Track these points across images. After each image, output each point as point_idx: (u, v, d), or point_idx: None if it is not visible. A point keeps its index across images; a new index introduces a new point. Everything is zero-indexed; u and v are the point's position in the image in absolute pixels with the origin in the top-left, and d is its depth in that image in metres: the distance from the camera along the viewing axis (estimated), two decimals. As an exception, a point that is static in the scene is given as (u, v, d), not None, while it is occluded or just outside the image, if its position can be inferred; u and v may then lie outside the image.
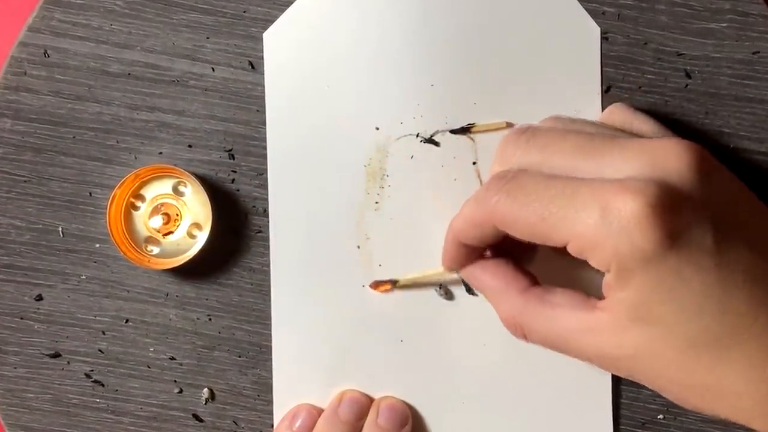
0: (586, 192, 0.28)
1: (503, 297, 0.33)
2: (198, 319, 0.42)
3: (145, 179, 0.41)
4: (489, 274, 0.34)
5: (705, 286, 0.27)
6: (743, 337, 0.27)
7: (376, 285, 0.41)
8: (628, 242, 0.26)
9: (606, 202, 0.27)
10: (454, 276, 0.39)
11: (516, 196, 0.29)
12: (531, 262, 0.38)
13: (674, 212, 0.27)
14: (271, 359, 0.42)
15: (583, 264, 0.29)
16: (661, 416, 0.42)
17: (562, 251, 0.30)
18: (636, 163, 0.28)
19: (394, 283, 0.41)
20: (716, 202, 0.28)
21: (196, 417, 0.43)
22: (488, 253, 0.36)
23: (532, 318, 0.31)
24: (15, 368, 0.43)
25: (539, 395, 0.42)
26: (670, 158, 0.28)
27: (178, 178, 0.41)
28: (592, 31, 0.41)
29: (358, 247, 0.42)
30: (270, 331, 0.42)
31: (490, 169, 0.33)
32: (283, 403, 0.42)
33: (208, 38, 0.42)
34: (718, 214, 0.28)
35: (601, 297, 0.30)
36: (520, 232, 0.30)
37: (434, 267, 0.40)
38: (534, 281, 0.33)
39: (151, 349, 0.42)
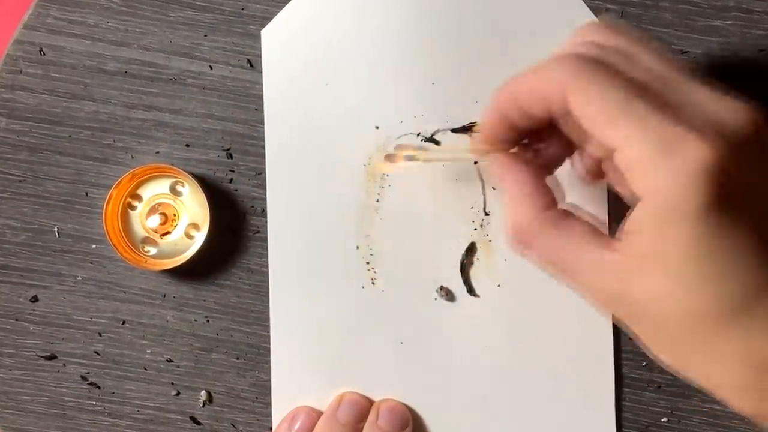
0: (657, 118, 0.26)
1: (520, 206, 0.31)
2: (195, 320, 0.42)
3: (142, 179, 0.41)
4: (514, 177, 0.32)
5: (740, 255, 0.26)
6: (756, 311, 0.27)
7: (391, 157, 0.40)
8: (682, 187, 0.26)
9: (672, 138, 0.26)
10: (468, 160, 0.36)
11: (599, 79, 0.27)
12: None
13: (732, 177, 0.26)
14: (269, 361, 0.42)
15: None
16: (665, 419, 0.42)
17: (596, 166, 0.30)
18: (707, 111, 0.27)
19: (410, 158, 0.40)
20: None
21: (193, 420, 0.42)
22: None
23: (543, 237, 0.30)
24: (10, 370, 0.42)
25: (541, 398, 0.41)
26: (740, 121, 0.27)
27: (176, 177, 0.41)
28: None
29: (357, 247, 0.41)
30: (268, 332, 0.42)
31: (560, 47, 0.31)
32: (281, 406, 0.41)
33: (205, 36, 0.42)
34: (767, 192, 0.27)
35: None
36: (583, 117, 0.28)
37: (462, 153, 0.38)
38: (555, 202, 0.32)
39: (148, 351, 0.42)
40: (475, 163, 0.41)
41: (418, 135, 0.41)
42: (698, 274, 0.26)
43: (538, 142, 0.33)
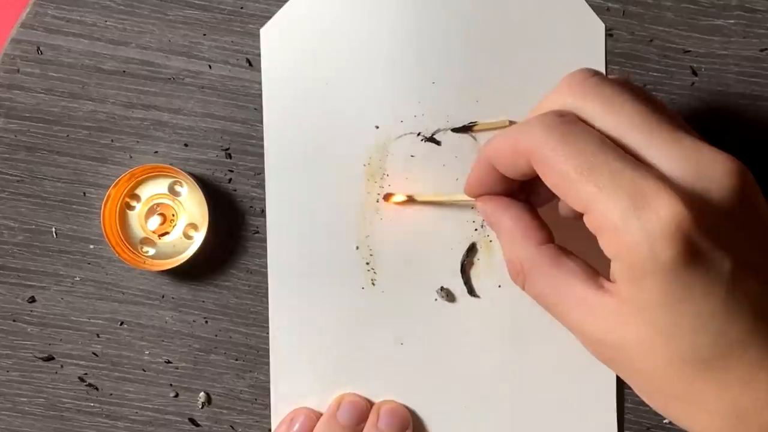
0: (628, 175, 0.27)
1: (517, 243, 0.32)
2: (194, 321, 0.42)
3: (140, 179, 0.41)
4: (509, 215, 0.33)
5: (710, 309, 0.27)
6: (730, 363, 0.27)
7: (389, 197, 0.40)
8: (648, 245, 0.26)
9: (643, 194, 0.26)
10: (469, 202, 0.36)
11: (567, 142, 0.28)
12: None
13: (704, 233, 0.26)
14: (268, 362, 0.41)
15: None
16: (666, 421, 0.41)
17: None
18: (685, 163, 0.27)
19: (410, 199, 0.40)
20: (745, 231, 0.28)
21: (192, 421, 0.42)
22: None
23: (539, 273, 0.31)
24: (7, 372, 0.42)
25: (542, 400, 0.41)
26: (719, 174, 0.27)
27: (174, 177, 0.41)
28: (597, 27, 0.41)
29: (357, 248, 0.41)
30: (267, 333, 0.41)
31: (544, 98, 0.32)
32: (280, 408, 0.41)
33: (204, 35, 0.41)
34: (743, 244, 0.27)
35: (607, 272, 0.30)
36: (551, 180, 0.29)
37: (458, 195, 0.39)
38: (551, 237, 0.32)
39: (147, 352, 0.42)
40: None
41: (418, 135, 0.41)
42: (674, 324, 0.27)
43: (529, 183, 0.33)
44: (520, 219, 0.32)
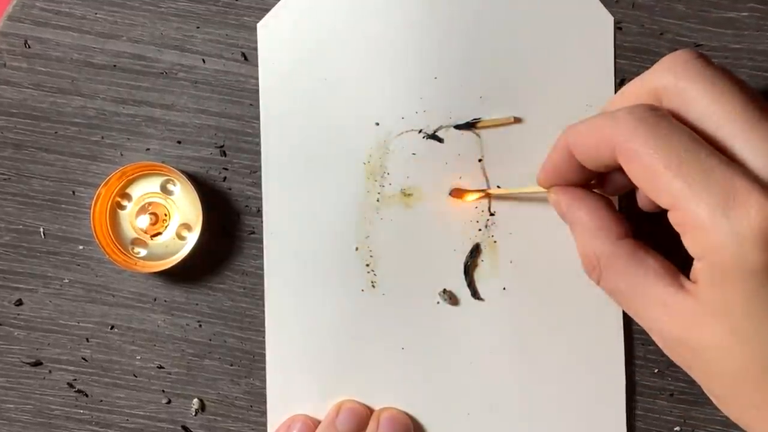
0: (720, 173, 0.26)
1: (594, 237, 0.31)
2: (187, 325, 0.41)
3: (131, 177, 0.40)
4: (586, 207, 0.32)
5: None
6: None
7: (460, 193, 0.39)
8: (735, 247, 0.25)
9: (734, 193, 0.25)
10: (542, 193, 0.35)
11: (658, 135, 0.27)
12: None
13: None
14: (264, 368, 0.40)
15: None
16: (678, 428, 0.40)
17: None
18: None
19: (485, 193, 0.39)
20: None
21: (185, 429, 0.41)
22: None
23: (616, 269, 0.30)
24: (-7, 377, 0.41)
25: (550, 406, 0.40)
26: None
27: (167, 176, 0.40)
28: (605, 20, 0.40)
29: (357, 249, 0.40)
30: (263, 337, 0.40)
31: (638, 78, 0.30)
32: (277, 415, 0.40)
33: (198, 28, 0.40)
34: None
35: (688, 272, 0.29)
36: (637, 173, 0.28)
37: (530, 187, 0.38)
38: (629, 231, 0.32)
39: (138, 357, 0.41)
40: (480, 160, 0.40)
41: (420, 132, 0.40)
42: (756, 331, 0.26)
43: (604, 173, 0.33)
44: (597, 211, 0.32)
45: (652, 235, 0.32)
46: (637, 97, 0.30)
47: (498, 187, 0.40)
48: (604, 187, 0.34)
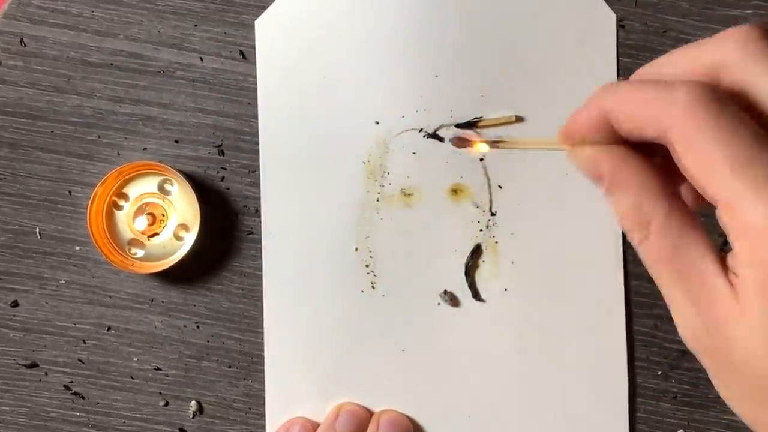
0: None
1: (646, 196, 0.27)
2: (185, 326, 0.40)
3: (128, 177, 0.40)
4: (636, 166, 0.28)
5: None
6: None
7: (462, 142, 0.35)
8: None
9: None
10: (559, 148, 0.30)
11: (721, 125, 0.24)
12: None
13: None
14: (263, 370, 0.40)
15: None
16: (681, 431, 0.40)
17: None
18: None
19: (491, 143, 0.34)
20: None
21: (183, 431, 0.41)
22: None
23: (669, 232, 0.27)
24: (-11, 379, 0.41)
25: (551, 409, 0.40)
26: None
27: (164, 175, 0.40)
28: (608, 18, 0.39)
29: (356, 249, 0.40)
30: (262, 339, 0.40)
31: (695, 44, 0.27)
32: (275, 417, 0.40)
33: (195, 26, 0.40)
34: None
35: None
36: (690, 162, 0.25)
37: (547, 139, 0.32)
38: (679, 194, 0.29)
39: (135, 359, 0.41)
40: (481, 160, 0.40)
41: (420, 131, 0.40)
42: None
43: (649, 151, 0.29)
44: (648, 170, 0.28)
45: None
46: (690, 69, 0.27)
47: (500, 187, 0.39)
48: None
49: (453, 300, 0.40)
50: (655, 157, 0.29)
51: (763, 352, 0.25)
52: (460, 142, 0.36)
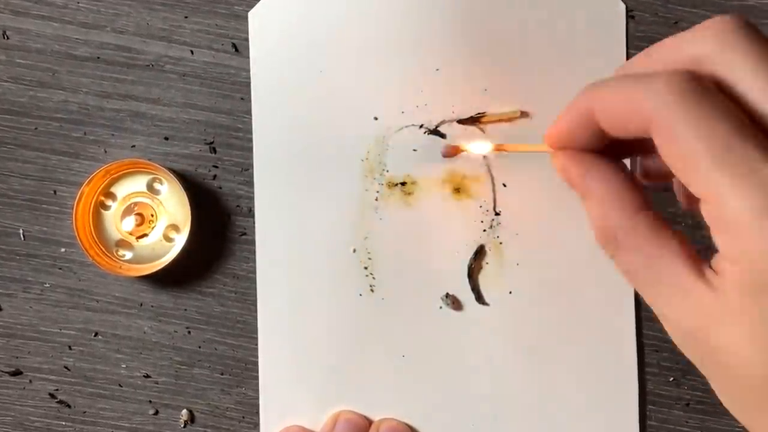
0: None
1: (610, 208, 0.28)
2: (176, 332, 0.40)
3: (116, 176, 0.40)
4: (602, 178, 0.29)
5: None
6: None
7: (453, 150, 0.37)
8: None
9: None
10: (546, 151, 0.31)
11: (703, 115, 0.24)
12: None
13: None
14: (257, 377, 0.40)
15: None
16: (693, 440, 0.39)
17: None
18: None
19: (479, 148, 0.37)
20: None
21: None
22: None
23: (636, 244, 0.27)
24: (-29, 387, 0.40)
25: (559, 416, 0.39)
26: None
27: (153, 174, 0.39)
28: (617, 8, 0.39)
29: (355, 251, 0.39)
30: (256, 345, 0.40)
31: (671, 37, 0.27)
32: (270, 426, 0.40)
33: (186, 17, 0.40)
34: None
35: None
36: (672, 155, 0.25)
37: (534, 144, 0.34)
38: (649, 203, 0.29)
39: (124, 366, 0.40)
40: (484, 157, 0.39)
41: (421, 127, 0.39)
42: None
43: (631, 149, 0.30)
44: (615, 180, 0.28)
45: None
46: (671, 62, 0.27)
47: (504, 185, 0.39)
48: (618, 151, 0.31)
49: (455, 303, 0.39)
50: (651, 159, 0.30)
51: (752, 352, 0.25)
52: (451, 151, 0.37)
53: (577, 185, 0.30)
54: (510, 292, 0.39)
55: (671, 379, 0.39)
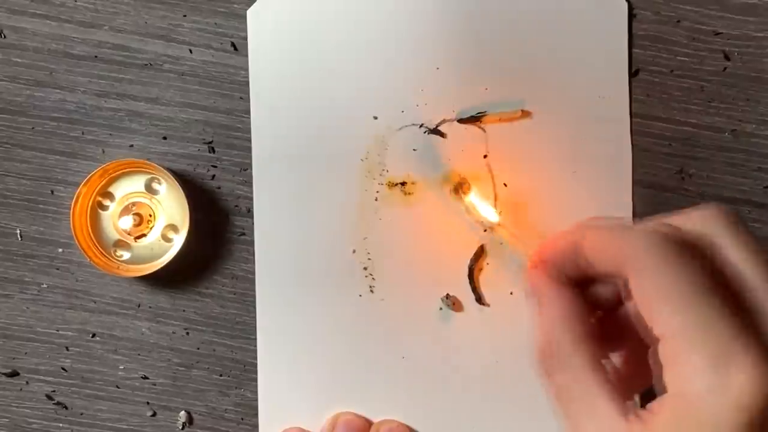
0: (721, 329, 0.26)
1: (550, 330, 0.31)
2: (174, 333, 0.40)
3: (114, 175, 0.40)
4: (560, 302, 0.31)
5: None
6: None
7: (464, 189, 0.39)
8: (716, 406, 0.26)
9: (729, 353, 0.26)
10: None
11: (671, 271, 0.27)
12: None
13: None
14: (255, 378, 0.40)
15: None
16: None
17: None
18: None
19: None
20: None
21: None
22: None
23: (572, 373, 0.30)
24: (-33, 389, 0.41)
25: (559, 418, 0.38)
26: None
27: (152, 173, 0.39)
28: (619, 6, 0.39)
29: (354, 251, 0.39)
30: (255, 346, 0.40)
31: (664, 216, 0.31)
32: (269, 428, 0.40)
33: (185, 16, 0.40)
34: None
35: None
36: (640, 297, 0.28)
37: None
38: (593, 332, 0.31)
39: (121, 367, 0.40)
40: (485, 157, 0.39)
41: (421, 126, 0.39)
42: None
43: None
44: (571, 308, 0.31)
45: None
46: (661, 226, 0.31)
47: (505, 185, 0.39)
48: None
49: (455, 304, 0.39)
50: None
51: None
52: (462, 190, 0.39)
53: (539, 303, 0.32)
54: (510, 293, 0.39)
55: (673, 380, 0.39)
